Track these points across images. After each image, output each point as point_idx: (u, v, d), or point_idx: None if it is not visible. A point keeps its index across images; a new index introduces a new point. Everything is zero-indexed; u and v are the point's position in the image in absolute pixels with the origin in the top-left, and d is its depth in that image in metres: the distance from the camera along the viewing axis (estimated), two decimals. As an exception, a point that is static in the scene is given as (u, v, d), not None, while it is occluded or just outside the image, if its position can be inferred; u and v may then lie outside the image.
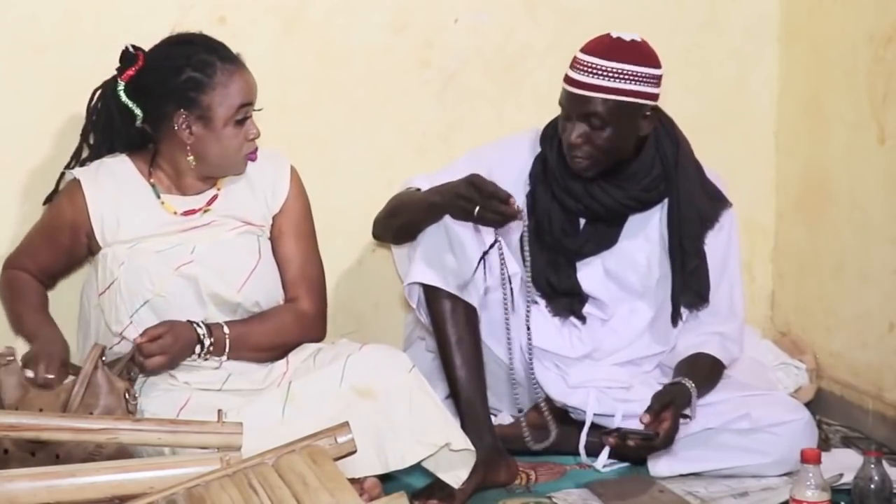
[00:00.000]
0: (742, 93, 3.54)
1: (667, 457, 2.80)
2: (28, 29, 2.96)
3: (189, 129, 2.66)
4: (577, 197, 2.87)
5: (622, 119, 2.75)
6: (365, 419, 2.46)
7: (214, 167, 2.73)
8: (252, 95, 2.69)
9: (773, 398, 2.92)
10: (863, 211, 3.22)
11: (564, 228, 2.90)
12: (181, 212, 2.74)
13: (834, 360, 3.36)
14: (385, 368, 2.57)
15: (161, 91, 2.66)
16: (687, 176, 2.88)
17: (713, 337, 2.86)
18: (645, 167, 2.86)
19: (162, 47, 2.71)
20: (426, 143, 3.30)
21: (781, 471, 2.79)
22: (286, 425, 2.45)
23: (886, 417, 3.12)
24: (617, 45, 2.77)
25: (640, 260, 2.92)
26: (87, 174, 2.75)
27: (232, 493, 2.06)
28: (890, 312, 3.11)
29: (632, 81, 2.74)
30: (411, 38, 3.26)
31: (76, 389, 2.46)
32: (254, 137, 2.70)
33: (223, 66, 2.65)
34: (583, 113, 2.76)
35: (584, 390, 2.88)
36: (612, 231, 2.92)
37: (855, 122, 3.22)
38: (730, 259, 2.93)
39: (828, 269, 3.38)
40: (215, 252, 2.71)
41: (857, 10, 3.22)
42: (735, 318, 2.92)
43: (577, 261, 2.93)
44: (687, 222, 2.87)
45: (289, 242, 2.82)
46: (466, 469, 2.58)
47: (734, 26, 3.50)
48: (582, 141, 2.77)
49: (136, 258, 2.67)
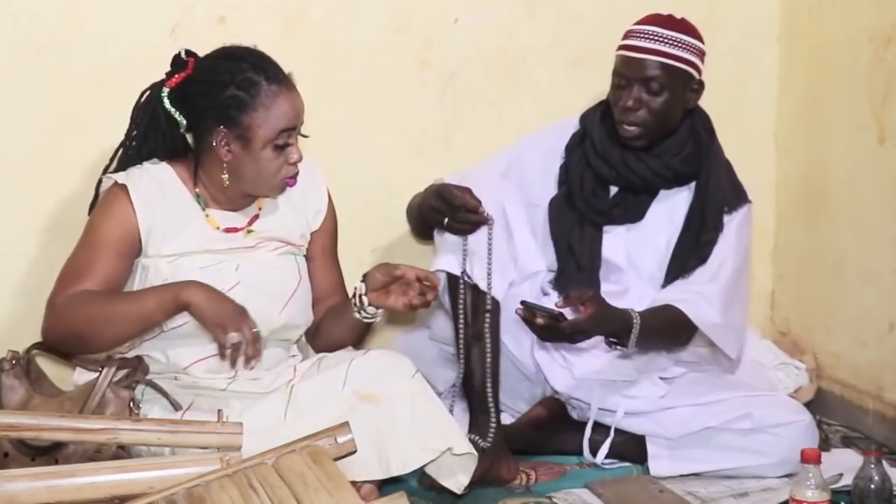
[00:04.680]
0: (742, 93, 3.54)
1: (667, 457, 2.81)
2: (28, 29, 2.95)
3: (227, 146, 2.59)
4: (613, 164, 2.93)
5: (676, 85, 2.86)
6: (367, 423, 2.45)
7: (249, 188, 2.66)
8: (296, 120, 2.60)
9: (775, 399, 2.92)
10: (863, 211, 3.22)
11: (595, 191, 2.96)
12: (224, 227, 2.68)
13: (834, 360, 3.36)
14: (388, 373, 2.55)
15: (203, 104, 2.59)
16: (718, 161, 2.97)
17: (691, 295, 2.85)
18: (678, 143, 2.93)
19: (212, 59, 2.63)
20: (426, 143, 3.30)
21: (782, 472, 2.79)
22: (288, 427, 2.44)
23: (886, 417, 3.12)
24: (670, 18, 2.90)
25: (661, 241, 2.96)
26: (133, 180, 2.64)
27: (232, 493, 2.07)
28: (890, 312, 3.12)
29: (686, 50, 2.86)
30: (411, 38, 3.26)
31: (90, 403, 2.47)
32: (294, 162, 2.62)
33: (268, 87, 2.57)
34: (641, 77, 2.85)
35: (588, 384, 2.88)
36: (640, 202, 2.96)
37: (855, 122, 3.22)
38: (728, 241, 2.92)
39: (828, 269, 3.38)
40: (259, 274, 2.67)
41: (857, 10, 3.22)
42: (715, 283, 2.89)
43: (605, 224, 2.96)
44: (711, 199, 2.92)
45: (326, 260, 2.82)
46: (468, 474, 2.58)
47: (734, 26, 3.50)
48: (637, 105, 2.85)
49: (180, 275, 2.59)
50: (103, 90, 3.00)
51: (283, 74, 2.61)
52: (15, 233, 2.97)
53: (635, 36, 2.88)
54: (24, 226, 2.98)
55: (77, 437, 2.22)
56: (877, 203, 3.16)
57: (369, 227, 3.21)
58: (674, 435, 2.82)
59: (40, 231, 3.00)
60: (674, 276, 2.92)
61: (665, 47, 2.85)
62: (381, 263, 2.72)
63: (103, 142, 2.97)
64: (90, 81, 2.99)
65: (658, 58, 2.84)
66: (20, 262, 3.00)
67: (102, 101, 3.00)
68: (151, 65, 2.93)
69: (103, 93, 3.00)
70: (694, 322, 2.82)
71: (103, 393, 2.49)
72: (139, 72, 2.96)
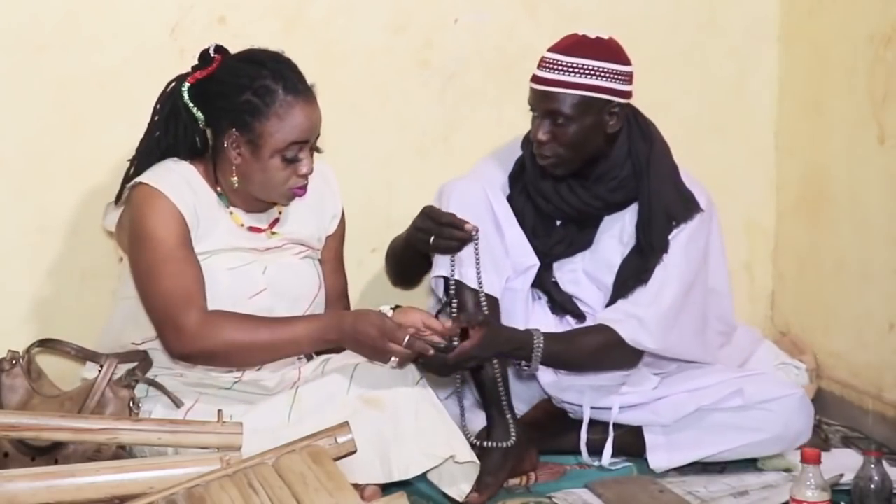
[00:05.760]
0: (742, 93, 3.54)
1: (665, 446, 2.83)
2: (28, 29, 2.95)
3: (238, 149, 2.58)
4: (547, 197, 2.87)
5: (586, 115, 2.76)
6: (371, 427, 2.45)
7: (258, 193, 2.65)
8: (309, 134, 2.58)
9: (765, 377, 2.94)
10: (863, 211, 3.22)
11: (535, 229, 2.90)
12: (247, 226, 2.68)
13: (834, 360, 3.36)
14: (393, 379, 2.55)
15: (220, 104, 2.59)
16: (658, 174, 2.85)
17: (626, 317, 2.78)
18: (615, 167, 2.85)
19: (235, 60, 2.62)
20: (426, 143, 3.30)
21: (778, 448, 2.81)
22: (291, 428, 2.44)
23: (886, 417, 3.12)
24: (581, 42, 2.78)
25: (615, 262, 2.90)
26: (164, 181, 2.59)
27: (232, 493, 2.07)
28: (890, 312, 3.12)
29: (594, 77, 2.74)
30: (411, 38, 3.26)
31: (89, 402, 2.47)
32: (304, 173, 2.60)
33: (284, 97, 2.55)
34: (547, 109, 2.77)
35: (579, 387, 2.88)
36: (586, 233, 2.91)
37: (855, 122, 3.22)
38: (675, 264, 2.81)
39: (828, 269, 3.38)
40: (285, 279, 2.68)
41: (857, 10, 3.22)
42: (655, 306, 2.80)
43: (551, 262, 2.92)
44: (656, 220, 2.83)
45: (336, 265, 2.84)
46: (469, 482, 2.58)
47: (734, 26, 3.50)
48: (548, 138, 2.78)
49: (209, 275, 2.58)
50: (103, 91, 3.00)
51: (303, 86, 2.59)
52: (14, 233, 2.97)
53: (542, 66, 2.78)
54: (24, 225, 2.97)
55: (77, 437, 2.22)
56: (877, 203, 3.16)
57: (369, 227, 3.21)
58: (669, 420, 2.83)
59: (39, 231, 3.00)
60: (616, 296, 2.84)
61: (570, 77, 2.73)
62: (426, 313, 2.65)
63: (103, 142, 2.98)
64: (90, 82, 2.99)
65: (562, 89, 2.73)
66: (20, 262, 3.00)
67: (102, 102, 3.00)
68: (151, 65, 2.95)
69: (103, 93, 3.00)
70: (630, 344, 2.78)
71: (102, 392, 2.49)
72: (139, 72, 2.98)
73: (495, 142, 3.17)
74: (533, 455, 2.82)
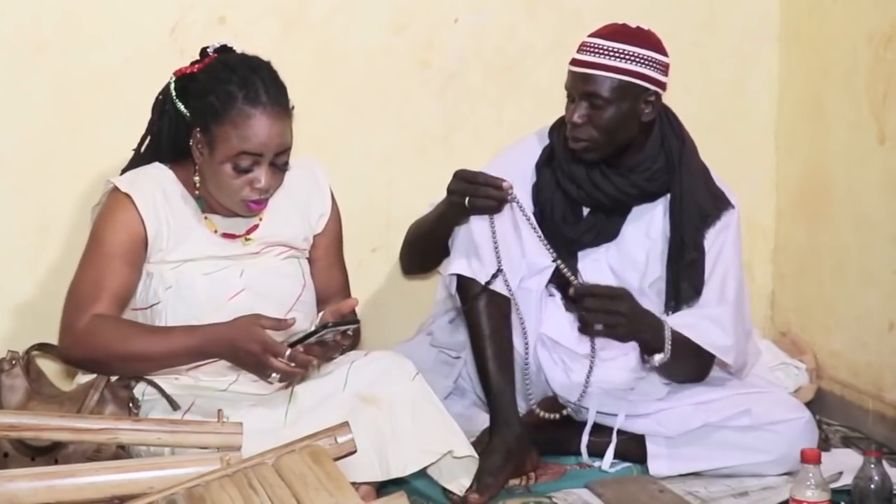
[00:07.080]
0: (742, 93, 3.54)
1: (666, 455, 2.81)
2: (28, 29, 2.95)
3: (200, 149, 2.60)
4: (579, 183, 2.87)
5: (623, 100, 2.77)
6: (368, 425, 2.45)
7: (217, 198, 2.64)
8: (263, 148, 2.55)
9: (774, 396, 2.91)
10: (863, 211, 3.22)
11: (565, 216, 2.91)
12: (221, 232, 2.67)
13: (834, 360, 3.36)
14: (389, 376, 2.55)
15: (193, 102, 2.61)
16: (690, 172, 2.88)
17: (699, 320, 2.80)
18: (648, 158, 2.86)
19: (218, 62, 2.63)
20: (426, 143, 3.31)
21: (781, 470, 2.79)
22: (289, 428, 2.43)
23: (886, 417, 3.12)
24: (622, 29, 2.82)
25: (640, 257, 2.91)
26: (136, 186, 2.63)
27: (232, 493, 2.06)
28: (890, 312, 3.12)
29: (633, 62, 2.77)
30: (411, 38, 3.26)
31: (88, 402, 2.47)
32: (260, 188, 2.58)
33: (242, 106, 2.54)
34: (584, 91, 2.78)
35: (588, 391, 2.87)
36: (613, 222, 2.91)
37: (855, 122, 3.22)
38: (723, 255, 2.87)
39: (828, 269, 3.38)
40: (264, 280, 2.67)
41: (857, 10, 3.22)
42: (724, 304, 2.84)
43: (578, 251, 2.92)
44: (688, 215, 2.85)
45: (330, 261, 2.82)
46: (469, 476, 2.58)
47: (734, 26, 3.50)
48: (583, 121, 2.79)
49: (184, 282, 2.61)
50: (103, 90, 3.00)
51: (270, 99, 2.57)
52: (14, 233, 2.97)
53: (582, 49, 2.80)
54: (24, 226, 2.97)
55: (77, 437, 2.22)
56: (877, 203, 3.16)
57: (369, 227, 3.21)
58: (673, 433, 2.82)
59: (40, 231, 3.00)
60: (674, 304, 2.85)
61: (611, 61, 2.76)
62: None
63: (103, 142, 2.98)
64: (90, 82, 2.99)
65: (601, 72, 2.76)
66: (20, 262, 3.00)
67: (102, 102, 3.00)
68: (151, 65, 2.95)
69: (103, 93, 3.00)
70: (705, 348, 2.78)
71: (101, 392, 2.49)
72: (139, 72, 2.98)
73: (495, 142, 3.17)
74: (534, 455, 2.82)
